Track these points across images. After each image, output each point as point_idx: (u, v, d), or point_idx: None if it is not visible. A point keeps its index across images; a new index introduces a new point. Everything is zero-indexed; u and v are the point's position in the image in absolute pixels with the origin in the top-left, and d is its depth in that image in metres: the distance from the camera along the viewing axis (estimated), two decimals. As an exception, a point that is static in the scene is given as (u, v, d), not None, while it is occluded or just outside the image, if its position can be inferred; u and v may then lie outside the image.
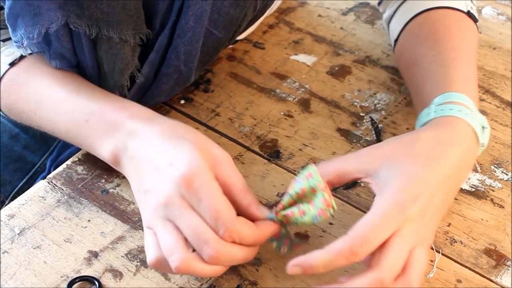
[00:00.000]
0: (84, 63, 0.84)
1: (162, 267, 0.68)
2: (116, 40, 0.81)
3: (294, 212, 0.69)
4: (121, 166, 0.75)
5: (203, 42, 0.85)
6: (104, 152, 0.75)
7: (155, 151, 0.71)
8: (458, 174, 0.73)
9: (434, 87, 0.79)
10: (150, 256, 0.68)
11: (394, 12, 0.93)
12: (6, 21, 0.79)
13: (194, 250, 0.67)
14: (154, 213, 0.69)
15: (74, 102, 0.79)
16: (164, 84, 0.87)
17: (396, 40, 0.91)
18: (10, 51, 0.83)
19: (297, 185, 0.69)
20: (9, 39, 0.84)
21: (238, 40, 1.00)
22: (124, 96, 0.87)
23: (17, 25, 0.79)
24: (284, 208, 0.70)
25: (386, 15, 0.95)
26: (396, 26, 0.92)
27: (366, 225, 0.65)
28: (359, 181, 0.73)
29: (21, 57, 0.83)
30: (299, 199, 0.69)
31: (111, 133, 0.75)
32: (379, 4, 0.97)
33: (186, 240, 0.67)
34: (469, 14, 0.87)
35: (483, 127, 0.76)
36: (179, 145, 0.70)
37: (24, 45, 0.80)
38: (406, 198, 0.67)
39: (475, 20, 0.88)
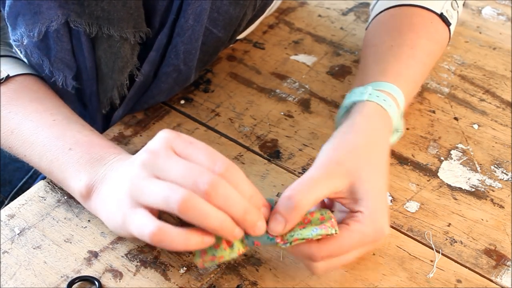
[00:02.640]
0: (82, 65, 0.84)
1: (164, 237, 0.62)
2: (116, 38, 0.81)
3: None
4: (94, 197, 0.72)
5: (203, 41, 0.85)
6: (77, 182, 0.73)
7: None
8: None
9: (378, 71, 0.82)
10: (150, 226, 0.63)
11: (376, 2, 0.94)
12: (5, 20, 0.79)
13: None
14: (137, 178, 0.65)
15: (60, 130, 0.76)
16: (164, 84, 0.87)
17: (368, 27, 0.93)
18: None
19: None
20: (2, 56, 0.83)
21: (238, 40, 1.00)
22: (124, 96, 0.87)
23: (17, 24, 0.78)
24: None
25: (371, 6, 0.97)
26: (372, 15, 0.94)
27: (336, 244, 0.67)
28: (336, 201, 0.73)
29: (8, 78, 0.81)
30: (304, 223, 0.68)
31: (92, 164, 0.73)
32: None
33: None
34: (441, 16, 0.88)
35: (396, 130, 0.80)
36: None
37: (24, 43, 0.79)
38: (384, 224, 0.69)
39: (447, 23, 0.88)
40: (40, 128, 0.77)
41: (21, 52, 0.82)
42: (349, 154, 0.71)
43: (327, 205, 0.73)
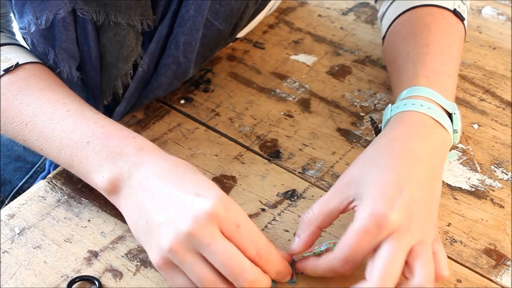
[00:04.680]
0: (86, 54, 0.83)
1: None
2: (123, 26, 0.81)
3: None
4: (120, 196, 0.71)
5: (204, 33, 0.85)
6: (100, 177, 0.72)
7: (173, 183, 0.68)
8: (427, 163, 0.72)
9: (400, 84, 0.81)
10: None
11: (386, 10, 0.93)
12: (13, 7, 0.79)
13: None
14: (177, 245, 0.65)
15: (76, 122, 0.75)
16: (163, 76, 0.87)
17: (384, 38, 0.92)
18: (6, 58, 0.80)
19: (324, 245, 0.72)
20: (6, 44, 0.83)
21: (238, 39, 1.00)
22: (127, 85, 0.87)
23: (24, 11, 0.78)
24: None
25: (380, 13, 0.96)
26: (385, 24, 0.93)
27: (345, 245, 0.67)
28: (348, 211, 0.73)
29: (17, 65, 0.79)
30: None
31: (114, 159, 0.72)
32: (375, 1, 0.97)
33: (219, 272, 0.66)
34: (455, 12, 0.88)
35: (452, 114, 0.77)
36: (201, 180, 0.69)
37: (32, 31, 0.78)
38: (382, 207, 0.67)
39: (461, 18, 0.88)
40: (55, 121, 0.75)
41: (27, 41, 0.81)
42: (355, 163, 0.73)
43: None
